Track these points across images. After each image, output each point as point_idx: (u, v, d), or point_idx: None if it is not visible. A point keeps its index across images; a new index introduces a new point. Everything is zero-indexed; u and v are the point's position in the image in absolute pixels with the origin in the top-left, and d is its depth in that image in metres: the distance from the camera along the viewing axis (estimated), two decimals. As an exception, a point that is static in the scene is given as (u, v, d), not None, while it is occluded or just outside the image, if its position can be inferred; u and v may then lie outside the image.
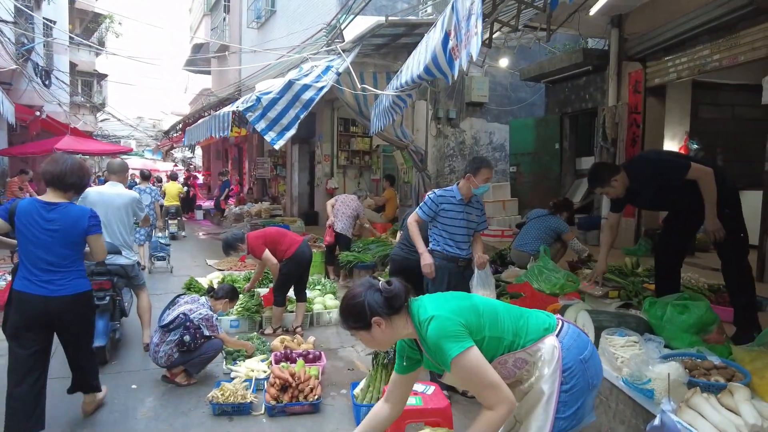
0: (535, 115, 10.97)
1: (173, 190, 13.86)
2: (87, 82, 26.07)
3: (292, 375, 3.78)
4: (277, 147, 7.83)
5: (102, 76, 26.36)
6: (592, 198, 9.76)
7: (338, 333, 5.67)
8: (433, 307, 2.06)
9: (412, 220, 4.12)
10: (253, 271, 7.48)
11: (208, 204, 19.61)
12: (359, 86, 6.93)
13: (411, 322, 2.08)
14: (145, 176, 11.30)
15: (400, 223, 5.04)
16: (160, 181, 17.60)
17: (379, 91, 6.11)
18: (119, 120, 22.79)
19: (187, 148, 16.77)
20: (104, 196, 4.64)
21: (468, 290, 4.12)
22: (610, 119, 7.76)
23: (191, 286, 6.27)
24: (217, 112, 8.83)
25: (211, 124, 9.04)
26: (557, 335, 2.08)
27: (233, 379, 4.10)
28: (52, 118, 18.87)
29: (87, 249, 3.30)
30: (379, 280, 2.12)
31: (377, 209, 11.02)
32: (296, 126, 7.78)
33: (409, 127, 9.77)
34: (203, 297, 4.37)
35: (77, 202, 3.78)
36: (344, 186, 13.97)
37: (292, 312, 5.77)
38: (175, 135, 18.73)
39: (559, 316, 2.20)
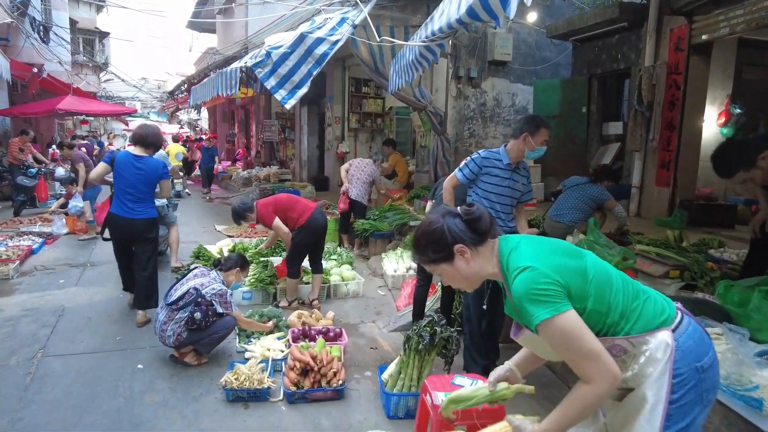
0: (560, 76, 10.30)
1: (174, 150, 14.64)
2: (88, 40, 25.24)
3: (314, 357, 3.39)
4: (288, 106, 7.30)
5: (104, 35, 25.49)
6: (621, 164, 9.23)
7: (357, 306, 5.29)
8: (531, 255, 1.68)
9: (448, 185, 3.65)
10: (265, 238, 7.09)
11: (216, 167, 19.09)
12: (378, 38, 6.32)
13: (497, 261, 1.75)
14: None
15: (432, 191, 4.56)
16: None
17: (405, 42, 5.50)
18: (123, 80, 22.09)
19: (193, 110, 16.13)
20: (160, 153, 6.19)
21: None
22: (647, 80, 7.14)
23: (200, 255, 5.87)
24: (224, 69, 8.25)
25: (217, 81, 8.47)
26: (673, 330, 1.64)
27: (248, 359, 3.73)
28: (53, 77, 18.21)
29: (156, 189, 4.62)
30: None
31: (388, 177, 10.52)
32: (308, 84, 7.23)
33: (428, 86, 9.15)
34: (214, 271, 3.95)
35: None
36: (355, 150, 13.43)
37: (307, 284, 5.38)
38: (180, 96, 18.09)
39: (680, 305, 1.74)
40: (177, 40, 63.13)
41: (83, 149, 12.54)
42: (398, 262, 5.92)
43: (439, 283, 4.56)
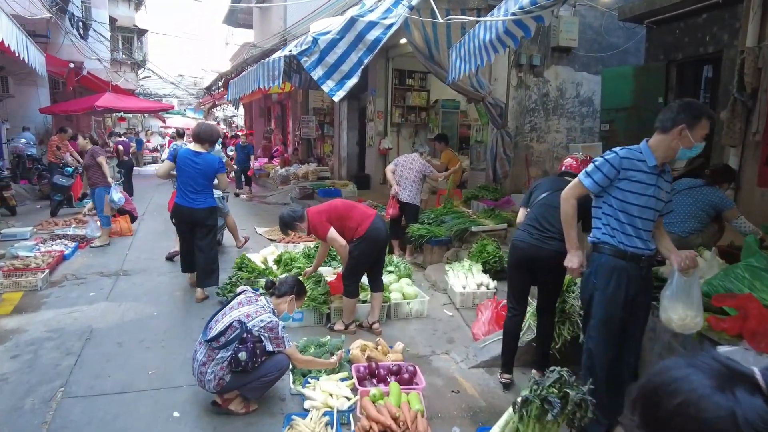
0: (627, 63, 9.24)
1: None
2: (127, 38, 25.14)
3: (395, 418, 2.61)
4: (336, 99, 6.56)
5: (142, 32, 25.34)
6: (701, 162, 8.15)
7: (423, 331, 4.49)
8: None
9: (570, 195, 2.78)
10: (312, 244, 6.37)
11: (253, 164, 18.58)
12: (441, 18, 5.49)
13: None
14: (180, 134, 11.42)
15: (526, 197, 3.68)
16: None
17: (485, 18, 4.63)
18: (160, 77, 21.84)
19: (230, 105, 15.59)
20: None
21: (649, 303, 2.82)
22: (751, 64, 6.07)
23: (243, 266, 5.17)
24: (266, 60, 7.54)
25: (258, 73, 7.78)
26: None
27: (307, 410, 2.97)
28: (92, 75, 18.03)
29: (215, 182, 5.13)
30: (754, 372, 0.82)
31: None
32: (359, 73, 6.47)
33: (486, 76, 8.25)
34: (264, 297, 3.19)
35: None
36: (398, 146, 12.63)
37: (365, 302, 4.61)
38: (217, 92, 17.63)
39: None
40: (213, 37, 63.38)
41: (121, 146, 12.12)
42: (467, 277, 5.08)
43: (534, 309, 3.71)
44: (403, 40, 10.14)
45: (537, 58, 8.35)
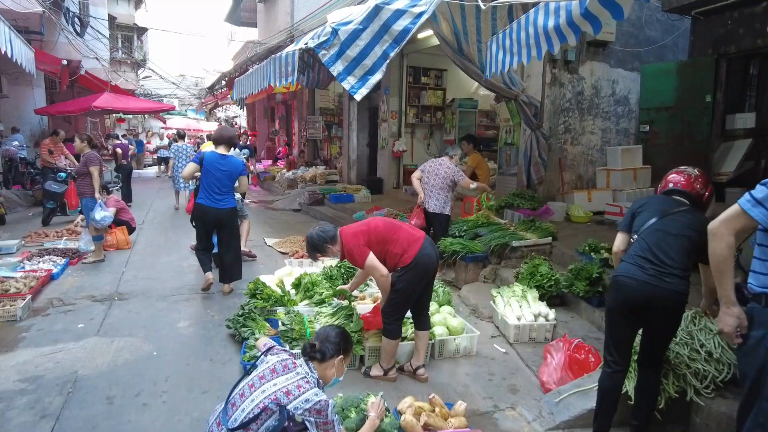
0: (666, 59, 8.44)
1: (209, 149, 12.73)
2: (127, 37, 24.32)
3: None
4: (358, 97, 5.80)
5: (142, 30, 24.53)
6: (751, 165, 7.38)
7: (477, 376, 3.69)
8: None
9: (725, 232, 2.00)
10: (333, 263, 5.59)
11: (258, 167, 17.80)
12: (482, 5, 4.72)
13: None
14: (181, 135, 11.58)
15: (626, 221, 2.87)
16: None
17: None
18: (161, 77, 21.02)
19: (235, 104, 14.77)
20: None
21: None
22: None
23: (257, 292, 4.37)
24: (278, 54, 6.74)
25: (268, 70, 6.98)
26: None
27: None
28: (91, 74, 17.22)
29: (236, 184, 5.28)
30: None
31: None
32: (384, 68, 5.72)
33: (518, 71, 7.43)
34: (302, 362, 2.37)
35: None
36: (412, 148, 11.85)
37: (404, 339, 3.81)
38: (219, 91, 16.84)
39: None
40: (214, 36, 62.39)
41: (119, 149, 11.32)
42: (521, 306, 4.29)
43: (635, 362, 2.91)
44: (423, 34, 9.36)
45: (572, 52, 7.56)
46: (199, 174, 5.09)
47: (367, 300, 4.68)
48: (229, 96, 16.20)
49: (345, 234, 3.45)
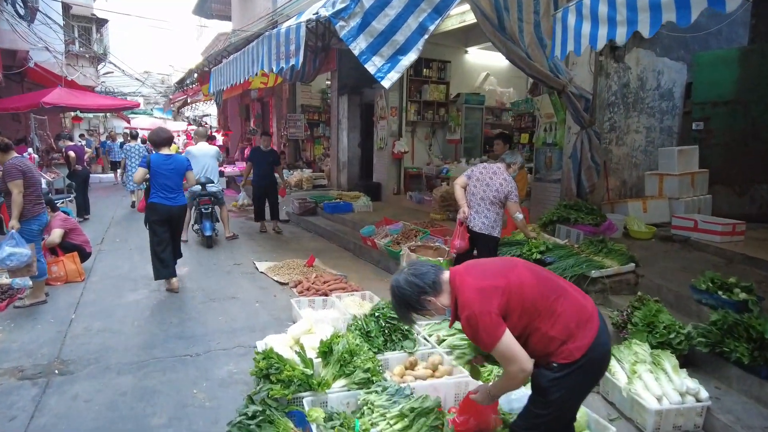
0: (710, 47, 7.29)
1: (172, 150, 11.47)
2: (84, 29, 22.03)
3: None
4: (386, 84, 4.41)
5: (102, 22, 22.25)
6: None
7: None
8: None
9: None
10: (357, 299, 4.15)
11: (231, 170, 16.04)
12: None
13: None
14: (133, 135, 11.33)
15: None
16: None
17: None
18: (124, 72, 18.95)
19: (210, 99, 12.97)
20: (201, 150, 7.63)
21: None
22: None
23: (271, 370, 2.85)
24: (276, 29, 5.19)
25: (260, 51, 5.42)
26: None
27: None
28: (42, 67, 15.11)
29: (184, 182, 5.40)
30: None
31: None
32: (420, 46, 4.32)
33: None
34: None
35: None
36: (412, 149, 10.43)
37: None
38: (191, 86, 15.01)
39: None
40: (181, 30, 59.26)
41: (72, 153, 9.50)
42: (657, 378, 2.92)
43: None
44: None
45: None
46: (149, 176, 5.15)
47: (420, 367, 3.24)
48: (201, 91, 14.43)
49: (463, 285, 1.98)
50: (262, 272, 5.92)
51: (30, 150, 10.41)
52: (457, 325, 3.67)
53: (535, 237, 5.13)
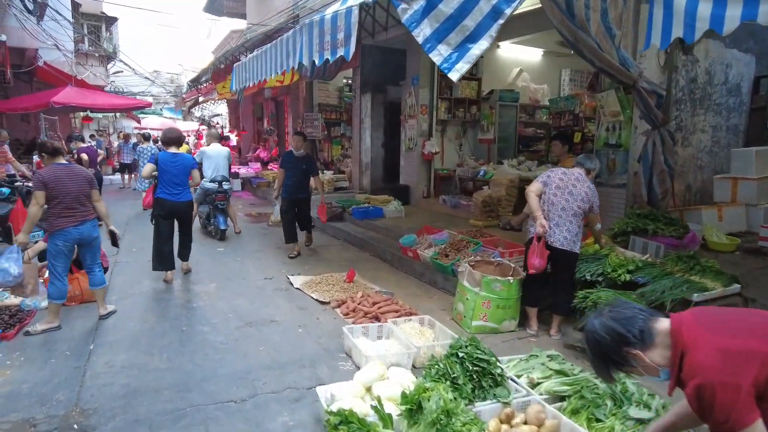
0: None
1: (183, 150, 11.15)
2: (94, 27, 21.49)
3: None
4: (454, 76, 3.81)
5: (111, 20, 21.69)
6: None
7: None
8: None
9: None
10: (415, 320, 3.54)
11: (245, 171, 15.47)
12: None
13: None
14: (146, 137, 11.80)
15: None
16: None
17: None
18: (133, 70, 18.38)
19: (226, 98, 12.34)
20: (215, 150, 7.77)
21: None
22: None
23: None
24: (320, 15, 4.53)
25: (298, 42, 4.78)
26: None
27: None
28: (51, 66, 14.57)
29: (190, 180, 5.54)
30: None
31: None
32: (494, 33, 3.71)
33: (628, 50, 5.45)
34: None
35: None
36: (442, 150, 9.78)
37: None
38: (203, 85, 14.42)
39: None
40: (191, 28, 58.55)
41: (84, 155, 8.91)
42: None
43: None
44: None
45: (693, 25, 5.61)
46: (156, 173, 5.39)
47: (517, 420, 2.61)
48: (215, 89, 13.84)
49: (697, 340, 1.41)
50: (297, 288, 5.29)
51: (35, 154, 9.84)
52: (555, 364, 3.05)
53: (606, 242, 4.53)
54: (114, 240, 4.69)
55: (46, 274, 5.05)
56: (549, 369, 3.12)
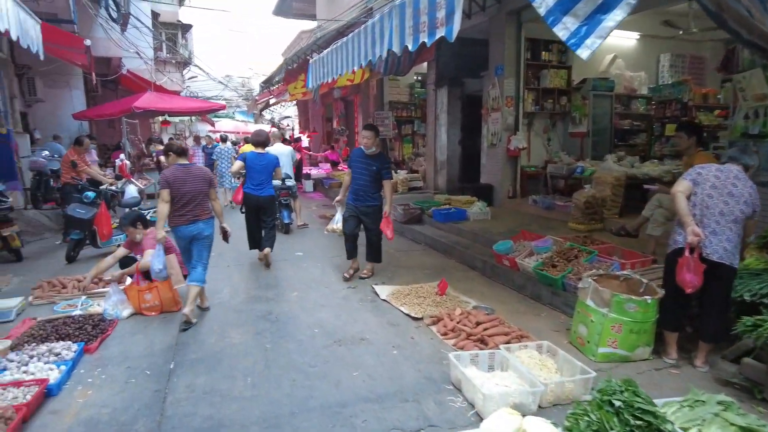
0: None
1: (247, 151, 11.42)
2: (171, 35, 22.32)
3: None
4: (584, 54, 3.05)
5: (186, 28, 22.45)
6: None
7: None
8: None
9: None
10: (532, 347, 2.91)
11: (316, 172, 15.32)
12: None
13: None
14: (223, 139, 12.42)
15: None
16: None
17: None
18: (207, 74, 18.83)
19: (309, 95, 12.12)
20: (278, 149, 7.85)
21: None
22: None
23: None
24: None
25: (387, 24, 4.28)
26: None
27: None
28: (133, 73, 15.15)
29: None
30: None
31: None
32: (631, 1, 2.96)
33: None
34: None
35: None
36: (529, 145, 8.97)
37: None
38: (275, 87, 14.40)
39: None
40: (260, 32, 60.21)
41: (163, 157, 8.94)
42: None
43: None
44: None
45: None
46: (244, 171, 6.07)
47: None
48: (287, 90, 13.74)
49: None
50: (384, 300, 4.81)
51: (122, 156, 10.06)
52: (735, 416, 2.34)
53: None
54: (225, 236, 4.70)
55: (127, 282, 4.91)
56: (730, 424, 2.41)
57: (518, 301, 4.86)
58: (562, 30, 3.13)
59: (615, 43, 9.68)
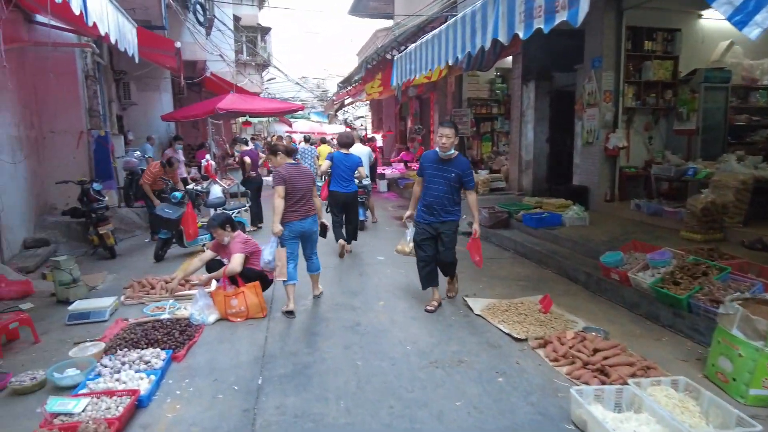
0: None
1: (324, 151, 11.69)
2: (252, 38, 23.02)
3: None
4: (753, 34, 2.40)
5: (266, 30, 23.05)
6: None
7: None
8: None
9: None
10: (667, 383, 2.34)
11: (390, 172, 15.08)
12: None
13: None
14: (306, 139, 13.14)
15: None
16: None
17: None
18: (286, 75, 19.19)
19: (393, 92, 11.94)
20: (356, 150, 7.66)
21: None
22: None
23: None
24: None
25: (491, 11, 3.86)
26: None
27: None
28: (217, 76, 15.69)
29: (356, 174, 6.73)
30: None
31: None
32: None
33: None
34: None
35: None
36: (628, 143, 8.15)
37: None
38: (352, 86, 14.30)
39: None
40: (336, 32, 61.25)
41: (247, 158, 9.02)
42: None
43: None
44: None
45: None
46: (330, 170, 6.61)
47: None
48: (364, 90, 13.60)
49: None
50: (478, 314, 4.39)
51: (207, 156, 10.30)
52: None
53: None
54: (323, 231, 4.85)
55: (213, 286, 4.83)
56: None
57: (631, 321, 4.27)
58: (725, 5, 2.58)
59: (731, 28, 8.57)
